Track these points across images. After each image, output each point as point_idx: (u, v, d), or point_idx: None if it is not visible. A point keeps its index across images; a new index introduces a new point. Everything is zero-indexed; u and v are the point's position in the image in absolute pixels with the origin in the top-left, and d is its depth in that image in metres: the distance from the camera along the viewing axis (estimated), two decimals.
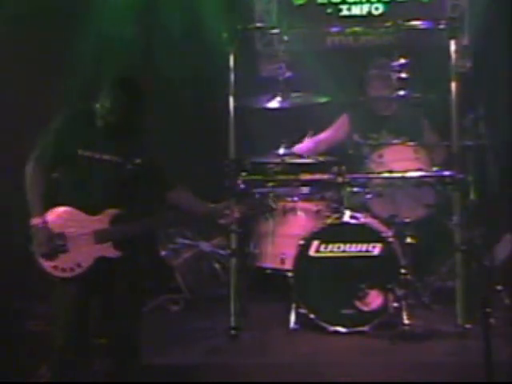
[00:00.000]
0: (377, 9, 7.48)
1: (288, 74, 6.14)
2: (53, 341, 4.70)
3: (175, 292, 6.62)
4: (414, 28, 6.13)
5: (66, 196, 4.71)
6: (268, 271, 6.25)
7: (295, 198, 6.28)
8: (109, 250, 4.63)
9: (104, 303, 4.74)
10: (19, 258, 5.02)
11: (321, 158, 6.28)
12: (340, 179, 5.98)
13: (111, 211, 4.63)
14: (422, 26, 6.10)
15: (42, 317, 5.37)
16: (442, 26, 6.00)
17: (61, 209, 4.67)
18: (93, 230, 4.63)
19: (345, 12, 7.53)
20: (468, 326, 5.65)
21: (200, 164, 5.77)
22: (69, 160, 4.68)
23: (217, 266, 6.71)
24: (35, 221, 4.63)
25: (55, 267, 4.61)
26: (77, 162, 4.66)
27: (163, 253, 6.78)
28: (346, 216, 5.99)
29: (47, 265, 4.61)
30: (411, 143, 6.17)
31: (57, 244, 4.61)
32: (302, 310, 5.87)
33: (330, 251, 5.88)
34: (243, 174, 5.94)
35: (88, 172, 4.67)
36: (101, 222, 4.63)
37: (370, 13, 7.49)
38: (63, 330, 4.65)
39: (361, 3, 7.52)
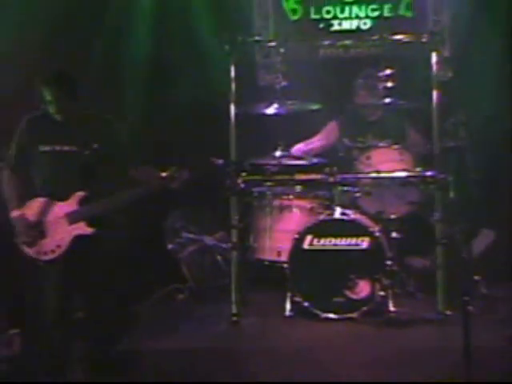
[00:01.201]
0: (365, 24, 7.45)
1: (284, 83, 6.13)
2: (40, 320, 4.76)
3: (181, 282, 6.60)
4: (399, 41, 6.11)
5: (39, 189, 4.87)
6: (266, 263, 6.23)
7: (291, 196, 6.27)
8: (83, 228, 4.79)
9: (86, 279, 4.79)
10: None
11: (314, 160, 6.27)
12: (331, 179, 5.97)
13: (78, 194, 4.79)
14: (406, 40, 6.07)
15: None
16: (424, 40, 5.97)
17: (36, 200, 4.81)
18: (65, 212, 4.68)
19: (336, 27, 7.49)
20: (448, 312, 5.64)
21: (203, 164, 5.72)
22: (34, 157, 4.81)
23: (219, 258, 6.68)
24: (13, 214, 4.81)
25: (38, 252, 4.77)
26: (40, 157, 4.82)
27: (170, 246, 6.76)
28: (337, 213, 5.98)
29: (30, 251, 4.75)
30: (396, 146, 6.17)
31: (35, 231, 4.73)
32: (297, 299, 5.85)
33: (323, 245, 5.86)
34: (243, 174, 5.93)
35: (52, 164, 4.83)
36: (71, 205, 4.80)
37: (358, 27, 7.46)
38: (52, 308, 4.71)
39: (350, 19, 7.48)
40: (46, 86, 4.77)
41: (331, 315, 5.79)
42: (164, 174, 4.92)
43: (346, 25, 7.49)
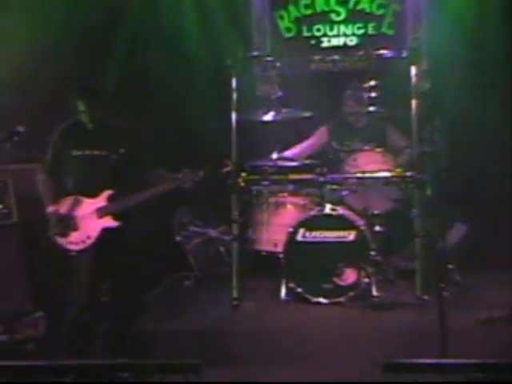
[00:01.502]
0: (351, 40, 7.44)
1: (279, 93, 6.15)
2: (67, 304, 4.79)
3: (188, 270, 6.61)
4: (382, 56, 6.13)
5: (71, 188, 4.95)
6: (263, 253, 6.22)
7: (285, 194, 6.27)
8: (110, 221, 4.82)
9: (112, 266, 4.83)
10: None
11: (306, 161, 6.28)
12: (322, 178, 5.99)
13: (107, 192, 4.82)
14: (389, 55, 6.10)
15: None
16: (404, 55, 6.01)
17: (68, 198, 4.89)
18: (95, 208, 4.72)
19: (325, 43, 7.48)
20: (426, 297, 5.65)
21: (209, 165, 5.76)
22: (67, 161, 4.87)
23: (222, 249, 6.69)
24: (48, 209, 4.88)
25: (70, 242, 4.84)
26: (73, 160, 4.89)
27: (178, 238, 6.76)
28: (327, 208, 5.98)
29: (63, 242, 4.82)
30: (379, 149, 6.18)
31: (67, 223, 4.78)
32: (291, 285, 5.86)
33: (314, 237, 5.87)
34: (243, 174, 5.94)
35: (83, 166, 4.90)
36: (100, 201, 4.83)
37: (345, 44, 7.44)
38: (81, 293, 4.74)
39: (338, 36, 7.47)
40: (79, 98, 4.83)
41: (321, 299, 5.80)
42: (179, 175, 4.95)
43: (335, 41, 7.48)
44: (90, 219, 4.84)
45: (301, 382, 4.66)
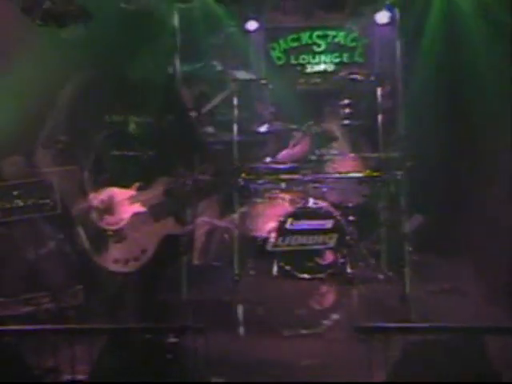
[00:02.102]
0: (330, 67, 7.50)
1: (272, 109, 6.17)
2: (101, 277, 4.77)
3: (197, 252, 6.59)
4: (355, 79, 6.14)
5: (109, 181, 4.80)
6: (259, 239, 6.23)
7: (277, 191, 6.28)
8: (139, 208, 4.74)
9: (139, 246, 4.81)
10: None
11: (294, 164, 6.26)
12: (306, 178, 5.99)
13: (137, 184, 4.76)
14: (360, 78, 6.12)
15: None
16: (372, 78, 6.02)
17: (108, 189, 4.77)
18: (127, 196, 4.73)
19: (309, 69, 7.54)
20: (390, 273, 5.68)
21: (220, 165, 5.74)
22: (106, 159, 4.80)
23: (226, 236, 6.67)
24: (89, 198, 4.74)
25: (107, 223, 4.70)
26: (112, 159, 4.81)
27: (189, 227, 6.72)
28: (310, 202, 5.99)
29: (101, 223, 4.72)
30: (353, 154, 6.19)
31: (104, 209, 4.69)
32: (281, 264, 5.87)
33: (300, 225, 5.87)
34: (243, 174, 5.93)
35: (120, 164, 4.79)
36: (131, 191, 4.76)
37: (325, 70, 7.50)
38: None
39: (319, 63, 7.53)
40: (132, 114, 4.81)
41: (306, 276, 5.80)
42: (197, 173, 4.95)
43: (316, 68, 7.53)
44: (123, 206, 4.83)
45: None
